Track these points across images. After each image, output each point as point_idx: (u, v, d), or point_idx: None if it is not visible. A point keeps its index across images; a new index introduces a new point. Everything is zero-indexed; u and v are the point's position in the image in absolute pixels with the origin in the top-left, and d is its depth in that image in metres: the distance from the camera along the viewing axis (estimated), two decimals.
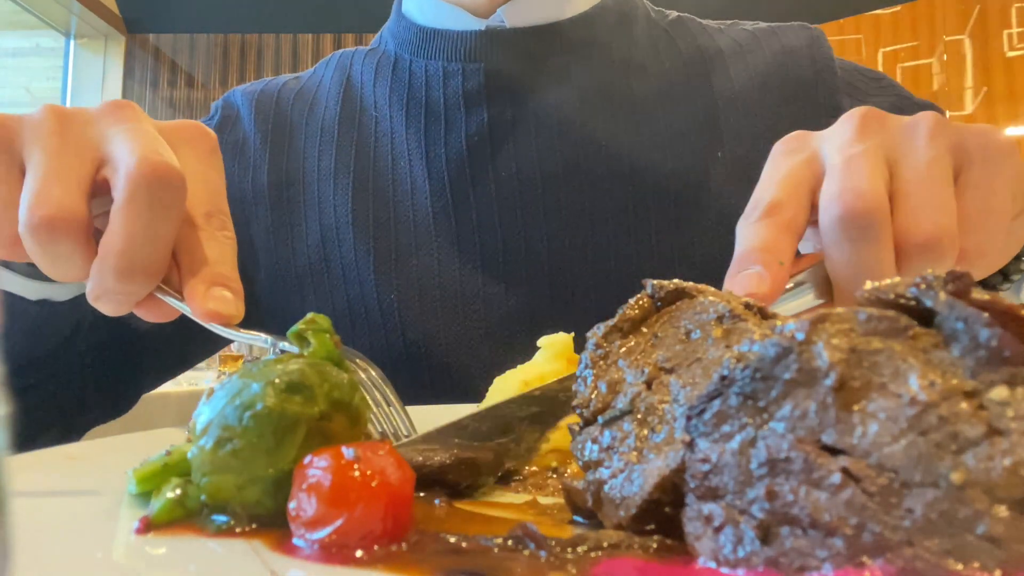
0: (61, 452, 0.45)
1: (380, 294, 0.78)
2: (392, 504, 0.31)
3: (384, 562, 0.30)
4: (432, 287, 0.78)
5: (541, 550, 0.30)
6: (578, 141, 0.80)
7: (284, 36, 4.18)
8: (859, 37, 3.96)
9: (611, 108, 0.82)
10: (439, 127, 0.81)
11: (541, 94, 0.81)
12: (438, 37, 0.84)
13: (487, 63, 0.81)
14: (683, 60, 0.86)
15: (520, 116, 0.81)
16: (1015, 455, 0.23)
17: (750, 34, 0.89)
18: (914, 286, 0.27)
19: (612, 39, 0.85)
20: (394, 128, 0.84)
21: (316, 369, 0.37)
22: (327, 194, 0.82)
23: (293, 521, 0.32)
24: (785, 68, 0.85)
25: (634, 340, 0.39)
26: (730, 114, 0.83)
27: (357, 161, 0.83)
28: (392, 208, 0.81)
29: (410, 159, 0.82)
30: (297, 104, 0.89)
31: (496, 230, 0.79)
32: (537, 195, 0.79)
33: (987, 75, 3.72)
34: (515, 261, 0.78)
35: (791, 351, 0.27)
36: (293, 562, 0.30)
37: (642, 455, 0.33)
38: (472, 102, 0.81)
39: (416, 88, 0.84)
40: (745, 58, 0.86)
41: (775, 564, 0.26)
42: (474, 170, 0.80)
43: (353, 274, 0.79)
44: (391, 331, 0.78)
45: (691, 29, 0.90)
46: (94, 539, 0.33)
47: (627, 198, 0.79)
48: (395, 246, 0.79)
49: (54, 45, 4.41)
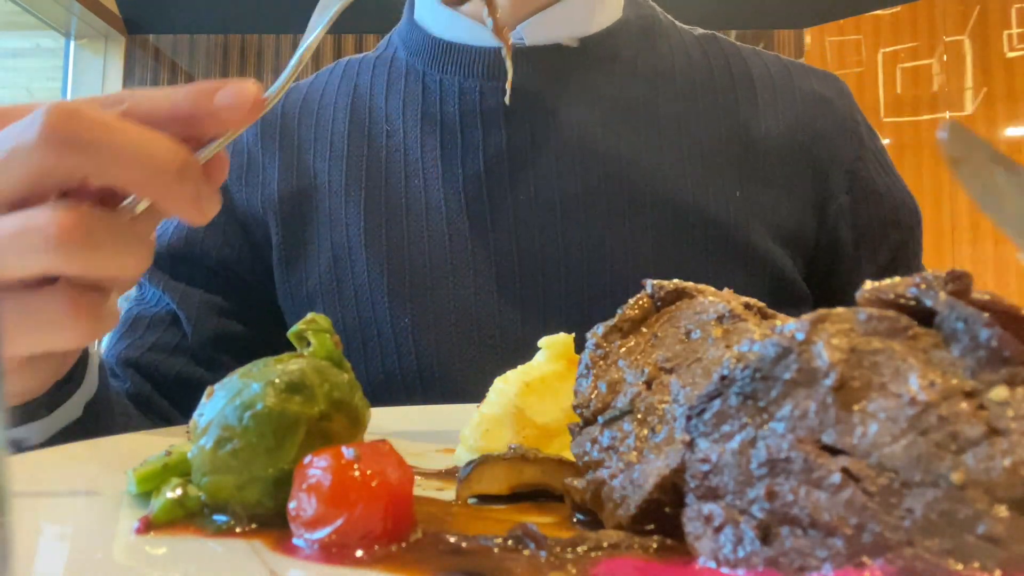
0: (61, 452, 0.45)
1: (394, 317, 0.75)
2: (392, 504, 0.31)
3: (384, 562, 0.30)
4: (447, 311, 0.75)
5: (541, 550, 0.30)
6: (599, 164, 0.77)
7: (284, 36, 4.18)
8: (859, 37, 3.96)
9: (634, 129, 0.79)
10: (455, 145, 0.78)
11: (562, 114, 0.78)
12: (454, 51, 0.81)
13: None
14: (713, 80, 0.82)
15: (540, 137, 0.77)
16: (1015, 455, 0.23)
17: (783, 66, 0.85)
18: (914, 286, 0.27)
19: (636, 54, 0.82)
20: (408, 143, 0.80)
21: (316, 369, 0.37)
22: (339, 211, 0.79)
23: (293, 521, 0.32)
24: (814, 116, 0.82)
25: (634, 340, 0.39)
26: (752, 149, 0.80)
27: (369, 176, 0.80)
28: (406, 228, 0.78)
29: (424, 177, 0.79)
30: (303, 116, 0.85)
31: (513, 255, 0.76)
32: (556, 220, 0.76)
33: (987, 75, 3.72)
34: (532, 287, 0.75)
35: (791, 351, 0.27)
36: (293, 562, 0.30)
37: (642, 455, 0.33)
38: (490, 121, 0.78)
39: (431, 102, 0.80)
40: (776, 92, 0.83)
41: (775, 564, 0.26)
42: (492, 192, 0.77)
43: (366, 295, 0.77)
44: (404, 354, 0.75)
45: (723, 48, 0.86)
46: (94, 539, 0.33)
47: (648, 225, 0.76)
48: (409, 268, 0.76)
49: (54, 46, 4.41)
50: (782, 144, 0.80)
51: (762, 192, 0.78)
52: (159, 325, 0.79)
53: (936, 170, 3.74)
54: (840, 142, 0.82)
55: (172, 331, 0.79)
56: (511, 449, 0.42)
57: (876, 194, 0.82)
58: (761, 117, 0.81)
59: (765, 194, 0.78)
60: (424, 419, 0.59)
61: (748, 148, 0.79)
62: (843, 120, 0.83)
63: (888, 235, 0.83)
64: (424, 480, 0.43)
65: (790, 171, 0.80)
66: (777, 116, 0.81)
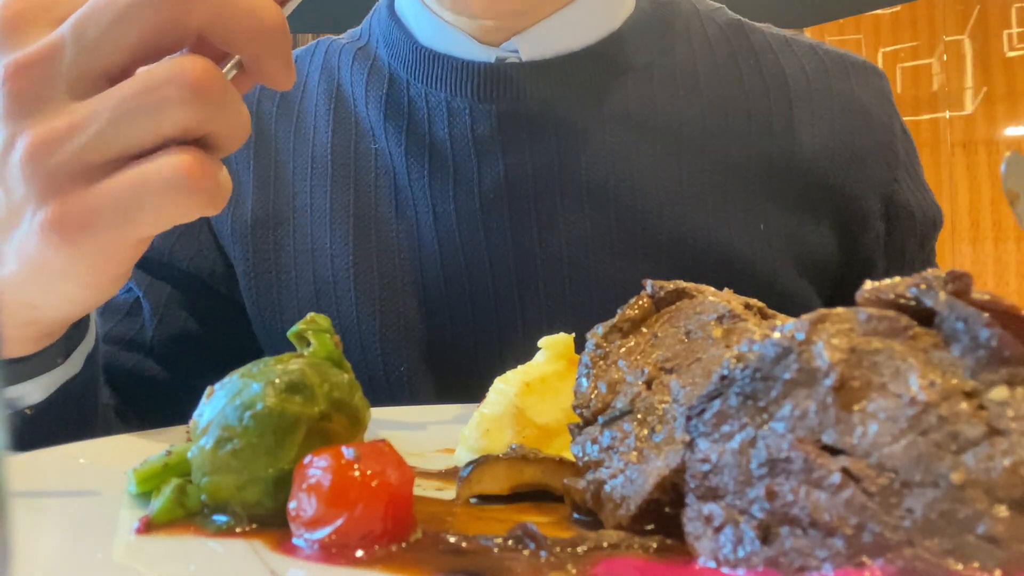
0: (61, 452, 0.45)
1: (387, 365, 0.68)
2: (392, 504, 0.31)
3: (384, 562, 0.30)
4: (445, 362, 0.69)
5: (541, 550, 0.30)
6: (610, 199, 0.68)
7: None
8: (859, 37, 3.96)
9: (650, 153, 0.69)
10: (447, 176, 0.69)
11: (566, 141, 0.68)
12: (439, 63, 0.70)
13: (499, 104, 0.68)
14: (742, 85, 0.73)
15: (542, 169, 0.68)
16: (1015, 455, 0.23)
17: (819, 61, 0.76)
18: (914, 286, 0.27)
19: (652, 60, 0.72)
20: (395, 166, 0.71)
21: (316, 369, 0.37)
22: (322, 239, 0.70)
23: (293, 521, 0.32)
24: (852, 133, 0.73)
25: (634, 340, 0.39)
26: (782, 172, 0.71)
27: (357, 202, 0.71)
28: (398, 265, 0.69)
29: (416, 210, 0.70)
30: (281, 120, 0.74)
31: (515, 304, 0.68)
32: (563, 266, 0.67)
33: (987, 75, 3.72)
34: (536, 339, 0.68)
35: (791, 351, 0.27)
36: (293, 562, 0.30)
37: (642, 455, 0.33)
38: (484, 149, 0.68)
39: (417, 121, 0.70)
40: (812, 101, 0.73)
41: (775, 564, 0.26)
42: (489, 234, 0.68)
43: (355, 337, 0.68)
44: (401, 402, 0.68)
45: (753, 43, 0.75)
46: (94, 539, 0.33)
47: (665, 269, 0.65)
48: (403, 311, 0.68)
49: None
50: (814, 167, 0.72)
51: (789, 221, 0.71)
52: (116, 313, 0.71)
53: (936, 170, 3.75)
54: (876, 161, 0.74)
55: (129, 321, 0.71)
56: (511, 449, 0.42)
57: (911, 217, 0.76)
58: (795, 132, 0.72)
59: (792, 223, 0.71)
60: (424, 419, 0.59)
61: (777, 170, 0.71)
62: (881, 134, 0.75)
63: (918, 253, 0.78)
64: (424, 480, 0.43)
65: (821, 196, 0.72)
66: (812, 133, 0.72)
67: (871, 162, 0.74)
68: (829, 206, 0.72)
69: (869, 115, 0.75)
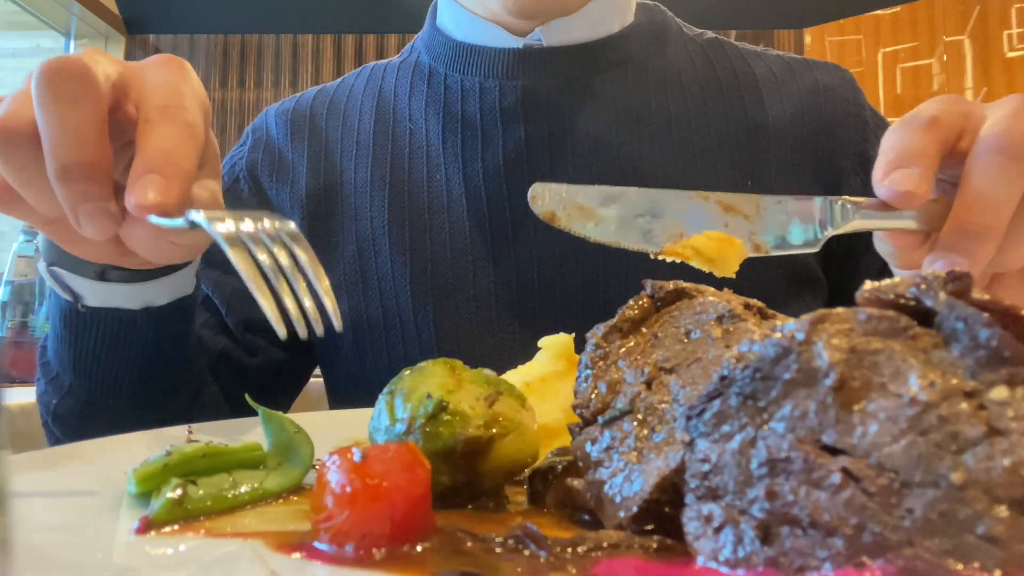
0: (61, 452, 0.45)
1: (415, 305, 0.79)
2: (402, 504, 0.31)
3: (384, 562, 0.30)
4: (467, 299, 0.79)
5: (541, 550, 0.30)
6: (613, 160, 0.81)
7: (284, 36, 4.18)
8: (859, 37, 3.96)
9: (646, 128, 0.83)
10: (476, 141, 0.83)
11: (577, 113, 0.82)
12: (475, 53, 0.86)
13: (524, 81, 0.83)
14: (719, 82, 0.87)
15: (556, 134, 0.82)
16: (1015, 455, 0.23)
17: (785, 64, 0.90)
18: (914, 286, 0.27)
19: (647, 58, 0.87)
20: (430, 140, 0.85)
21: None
22: (364, 206, 0.84)
23: (312, 512, 0.33)
24: (818, 105, 0.86)
25: (634, 340, 0.39)
26: (761, 142, 0.84)
27: (393, 173, 0.85)
28: (428, 220, 0.82)
29: (446, 172, 0.83)
30: (331, 117, 0.90)
31: (531, 247, 0.79)
32: None
33: (987, 75, 3.71)
34: (550, 278, 0.79)
35: (791, 351, 0.27)
36: (293, 562, 0.30)
37: (642, 455, 0.33)
38: (509, 118, 0.82)
39: (452, 102, 0.85)
40: (780, 87, 0.87)
41: (775, 564, 0.26)
42: (510, 186, 0.81)
43: (389, 285, 0.81)
44: (425, 342, 0.79)
45: (727, 52, 0.91)
46: (94, 539, 0.33)
47: None
48: (431, 258, 0.80)
49: (54, 46, 4.41)
50: (789, 134, 0.84)
51: (773, 180, 0.82)
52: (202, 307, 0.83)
53: None
54: (846, 126, 0.85)
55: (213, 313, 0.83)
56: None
57: None
58: (767, 111, 0.85)
59: (776, 182, 0.81)
60: None
61: (756, 142, 0.83)
62: (847, 105, 0.86)
63: None
64: None
65: (799, 158, 0.83)
66: (783, 109, 0.85)
67: (840, 129, 0.85)
68: (807, 166, 0.83)
69: (833, 92, 0.87)
